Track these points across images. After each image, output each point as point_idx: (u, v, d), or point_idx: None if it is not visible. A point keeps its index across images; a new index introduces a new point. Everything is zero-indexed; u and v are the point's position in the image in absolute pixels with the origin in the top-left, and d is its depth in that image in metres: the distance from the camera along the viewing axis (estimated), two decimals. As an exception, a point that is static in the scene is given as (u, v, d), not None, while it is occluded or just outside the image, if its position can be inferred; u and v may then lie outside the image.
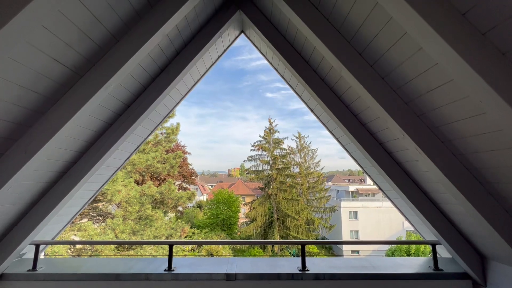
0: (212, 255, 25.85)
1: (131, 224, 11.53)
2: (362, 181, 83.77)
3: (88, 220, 13.47)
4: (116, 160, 3.36)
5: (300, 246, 2.81)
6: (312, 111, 3.70)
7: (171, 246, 2.67)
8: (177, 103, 3.70)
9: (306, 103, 3.73)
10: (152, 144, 14.25)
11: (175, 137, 14.25)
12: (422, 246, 19.48)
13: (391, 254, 21.22)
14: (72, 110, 1.99)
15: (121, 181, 9.63)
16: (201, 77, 3.79)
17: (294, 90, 3.75)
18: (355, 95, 2.45)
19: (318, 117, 3.69)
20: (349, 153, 3.62)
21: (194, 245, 26.84)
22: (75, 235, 10.18)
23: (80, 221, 13.10)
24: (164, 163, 13.53)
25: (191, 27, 2.78)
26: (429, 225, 2.61)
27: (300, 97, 3.74)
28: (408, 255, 20.16)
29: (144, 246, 12.49)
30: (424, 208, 2.58)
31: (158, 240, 10.55)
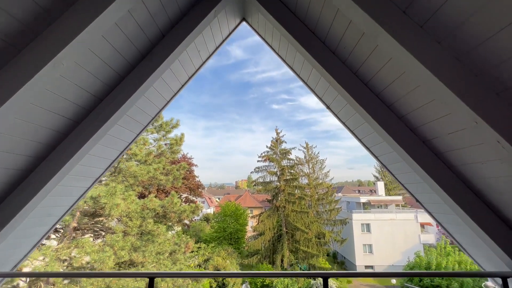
0: (219, 270, 24.79)
1: (132, 240, 10.88)
2: (372, 192, 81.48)
3: (91, 235, 12.90)
4: (93, 169, 2.79)
5: (321, 279, 2.13)
6: (328, 107, 3.08)
7: (152, 280, 2.03)
8: (168, 101, 3.14)
9: (320, 99, 3.12)
10: (155, 156, 13.77)
11: (179, 148, 13.75)
12: (444, 261, 18.06)
13: (410, 270, 19.77)
14: (3, 95, 1.43)
15: (120, 194, 9.08)
16: (196, 71, 3.24)
17: (305, 83, 3.15)
18: (394, 74, 1.82)
19: (336, 115, 3.06)
20: (376, 157, 2.95)
21: (200, 261, 25.91)
22: (73, 251, 9.59)
23: (83, 237, 12.55)
24: (167, 175, 12.97)
25: (179, 2, 2.25)
26: (499, 251, 1.91)
27: (313, 91, 3.13)
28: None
29: (145, 263, 11.78)
30: (492, 228, 1.88)
31: (138, 272, 9.44)
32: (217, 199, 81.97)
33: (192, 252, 25.05)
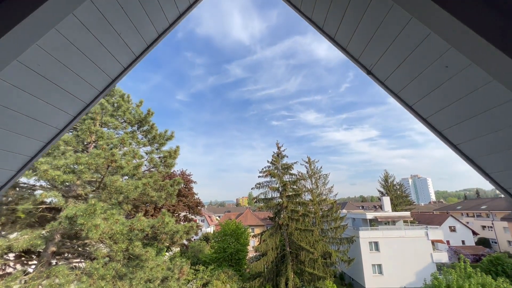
0: (218, 296, 22.93)
1: (117, 266, 9.46)
2: (377, 207, 79.45)
3: (73, 262, 11.44)
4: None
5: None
6: (369, 72, 2.00)
7: None
8: (126, 68, 2.06)
9: (357, 60, 2.04)
10: (147, 170, 12.59)
11: (173, 161, 12.58)
12: (466, 284, 16.30)
13: (428, 294, 17.91)
14: None
15: (102, 213, 7.80)
16: (171, 26, 2.19)
17: (332, 39, 2.08)
18: None
19: (382, 82, 1.97)
20: (454, 146, 1.82)
21: (199, 285, 24.00)
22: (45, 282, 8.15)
23: (64, 263, 11.12)
24: (159, 190, 11.71)
25: None
26: None
27: (344, 49, 2.06)
28: (450, 296, 16.90)
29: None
30: None
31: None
32: (217, 218, 79.79)
33: (188, 276, 23.21)
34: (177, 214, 34.03)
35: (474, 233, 50.57)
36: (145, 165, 12.51)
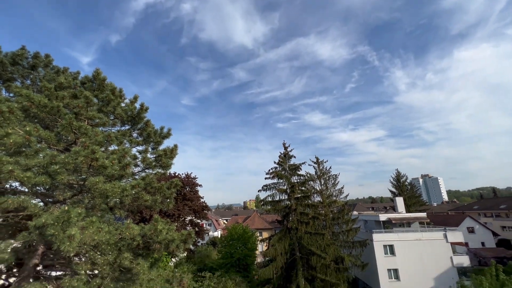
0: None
1: (104, 283, 8.16)
2: (388, 209, 76.68)
3: (65, 274, 10.19)
4: None
5: None
6: None
7: None
8: None
9: None
10: (141, 171, 11.32)
11: (169, 160, 11.29)
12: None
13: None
14: None
15: (78, 221, 6.53)
16: None
17: None
18: None
19: None
20: None
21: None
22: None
23: (54, 275, 9.91)
24: (154, 194, 10.42)
25: None
26: None
27: None
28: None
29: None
30: None
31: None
32: (224, 221, 78.32)
33: (193, 284, 21.74)
34: (182, 219, 32.60)
35: (494, 234, 47.87)
36: (139, 166, 11.26)
